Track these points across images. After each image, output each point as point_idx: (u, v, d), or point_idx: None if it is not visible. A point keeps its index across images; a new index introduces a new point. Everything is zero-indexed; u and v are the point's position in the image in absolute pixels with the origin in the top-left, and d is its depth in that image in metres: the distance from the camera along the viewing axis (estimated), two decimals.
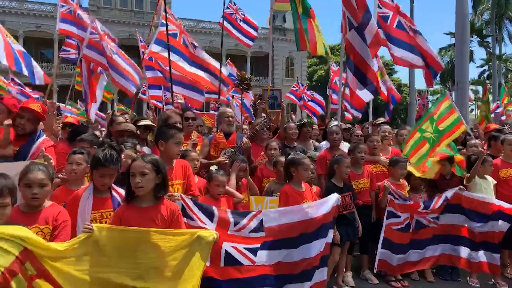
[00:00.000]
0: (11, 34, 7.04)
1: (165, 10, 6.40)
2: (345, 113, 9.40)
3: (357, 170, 4.76)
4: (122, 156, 3.32)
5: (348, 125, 6.98)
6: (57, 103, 6.73)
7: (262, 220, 3.19)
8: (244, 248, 3.07)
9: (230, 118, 4.86)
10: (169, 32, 6.35)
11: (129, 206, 2.64)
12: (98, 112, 10.59)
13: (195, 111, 5.40)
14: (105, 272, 2.39)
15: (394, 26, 6.55)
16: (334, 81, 11.11)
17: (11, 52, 6.40)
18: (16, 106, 3.68)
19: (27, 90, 10.17)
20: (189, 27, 39.76)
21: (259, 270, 3.08)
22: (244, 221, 3.15)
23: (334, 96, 10.09)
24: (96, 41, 7.09)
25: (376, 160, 5.09)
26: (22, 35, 35.50)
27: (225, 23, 9.63)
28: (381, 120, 7.17)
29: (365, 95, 7.34)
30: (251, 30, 10.39)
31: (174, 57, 6.45)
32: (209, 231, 2.71)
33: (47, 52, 37.29)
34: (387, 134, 5.54)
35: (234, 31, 10.30)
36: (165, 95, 9.14)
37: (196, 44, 7.06)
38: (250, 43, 10.66)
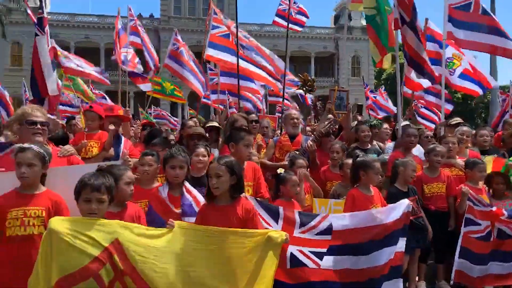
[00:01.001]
0: (64, 46, 8.02)
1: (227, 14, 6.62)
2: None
3: (432, 174, 4.48)
4: (195, 155, 3.57)
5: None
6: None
7: (331, 223, 3.14)
8: (309, 251, 3.04)
9: (295, 120, 4.84)
10: (221, 33, 6.51)
11: (209, 205, 2.81)
12: (170, 115, 11.25)
13: (258, 114, 5.51)
14: (185, 271, 2.49)
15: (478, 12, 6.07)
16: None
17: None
18: (104, 113, 4.21)
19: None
20: (253, 31, 40.48)
21: (325, 275, 3.02)
22: (312, 222, 3.12)
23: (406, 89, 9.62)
24: (176, 51, 7.70)
25: (451, 163, 4.75)
26: (103, 47, 39.03)
27: (278, 20, 9.64)
28: (457, 120, 6.61)
29: (423, 82, 6.92)
30: (302, 18, 10.30)
31: (233, 58, 6.61)
32: (279, 232, 2.76)
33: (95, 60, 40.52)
34: (465, 137, 5.14)
35: (289, 24, 10.33)
36: (229, 99, 9.43)
37: (244, 44, 7.15)
38: (300, 28, 10.60)
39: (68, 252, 2.26)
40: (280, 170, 3.78)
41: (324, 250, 3.07)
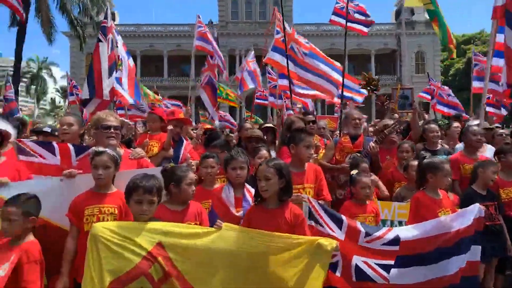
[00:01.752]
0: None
1: (282, 18, 6.61)
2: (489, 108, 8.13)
3: (508, 177, 4.10)
4: (258, 157, 3.66)
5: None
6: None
7: (398, 234, 2.93)
8: (375, 263, 2.87)
9: (357, 121, 4.63)
10: (282, 39, 6.53)
11: (257, 207, 2.80)
12: (227, 117, 11.52)
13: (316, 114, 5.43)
14: (227, 272, 2.50)
15: None
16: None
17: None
18: (165, 115, 4.43)
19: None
20: (310, 31, 40.18)
21: None
22: (377, 233, 2.94)
23: (477, 84, 8.93)
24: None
25: None
26: (166, 54, 41.20)
27: (336, 18, 9.40)
28: None
29: None
30: (365, 18, 9.94)
31: (290, 65, 6.59)
32: (329, 240, 2.63)
33: (186, 68, 42.35)
34: None
35: (347, 23, 10.03)
36: (285, 101, 9.41)
37: (306, 51, 7.06)
38: (366, 30, 10.22)
39: (115, 256, 2.36)
40: (354, 172, 3.68)
41: (391, 262, 2.88)
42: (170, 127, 4.34)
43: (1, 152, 3.11)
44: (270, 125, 5.42)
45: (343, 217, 3.00)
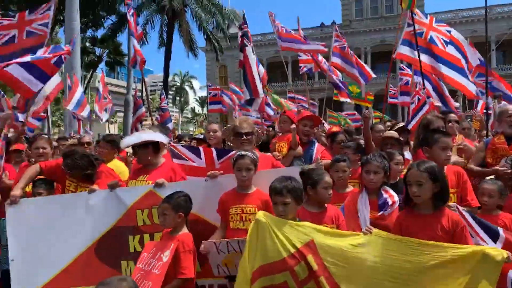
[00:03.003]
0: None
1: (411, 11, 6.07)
2: None
3: None
4: (394, 163, 3.45)
5: None
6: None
7: None
8: None
9: None
10: (416, 31, 5.97)
11: (408, 212, 2.63)
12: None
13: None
14: (378, 279, 2.39)
15: None
16: None
17: None
18: (295, 117, 4.61)
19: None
20: (447, 19, 36.19)
21: None
22: None
23: None
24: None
25: None
26: (290, 60, 42.17)
27: None
28: None
29: None
30: None
31: (423, 57, 6.01)
32: (497, 249, 2.32)
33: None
34: None
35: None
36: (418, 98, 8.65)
37: (447, 40, 6.30)
38: None
39: (269, 244, 2.49)
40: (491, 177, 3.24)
41: None
42: (292, 126, 4.36)
43: (160, 155, 3.65)
44: (402, 124, 5.12)
45: (499, 229, 2.63)
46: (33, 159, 4.28)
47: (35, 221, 3.38)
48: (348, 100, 10.36)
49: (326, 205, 2.96)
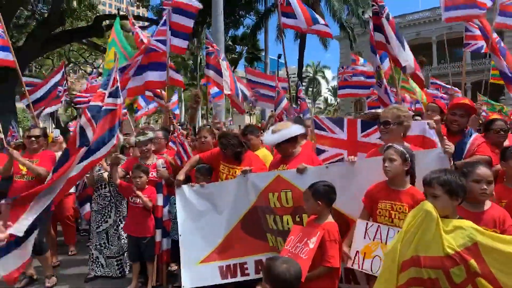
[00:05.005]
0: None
1: None
2: None
3: None
4: None
5: None
6: None
7: None
8: None
9: None
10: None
11: None
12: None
13: None
14: None
15: None
16: None
17: None
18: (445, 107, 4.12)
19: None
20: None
21: None
22: None
23: None
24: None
25: None
26: (434, 40, 38.25)
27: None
28: None
29: None
30: None
31: None
32: None
33: (458, 52, 37.94)
34: None
35: None
36: None
37: None
38: None
39: (432, 237, 2.29)
40: None
41: None
42: (437, 117, 3.70)
43: (298, 145, 3.79)
44: None
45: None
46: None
47: (196, 204, 3.97)
48: None
49: (490, 203, 2.62)
